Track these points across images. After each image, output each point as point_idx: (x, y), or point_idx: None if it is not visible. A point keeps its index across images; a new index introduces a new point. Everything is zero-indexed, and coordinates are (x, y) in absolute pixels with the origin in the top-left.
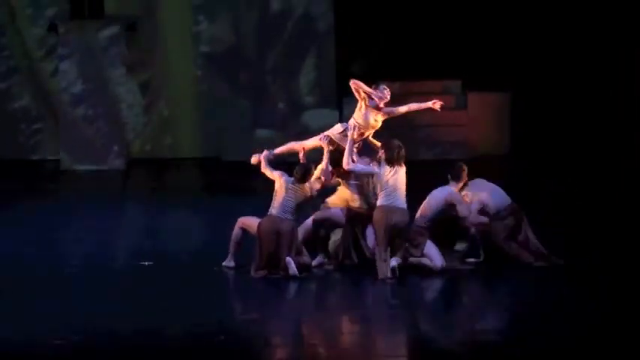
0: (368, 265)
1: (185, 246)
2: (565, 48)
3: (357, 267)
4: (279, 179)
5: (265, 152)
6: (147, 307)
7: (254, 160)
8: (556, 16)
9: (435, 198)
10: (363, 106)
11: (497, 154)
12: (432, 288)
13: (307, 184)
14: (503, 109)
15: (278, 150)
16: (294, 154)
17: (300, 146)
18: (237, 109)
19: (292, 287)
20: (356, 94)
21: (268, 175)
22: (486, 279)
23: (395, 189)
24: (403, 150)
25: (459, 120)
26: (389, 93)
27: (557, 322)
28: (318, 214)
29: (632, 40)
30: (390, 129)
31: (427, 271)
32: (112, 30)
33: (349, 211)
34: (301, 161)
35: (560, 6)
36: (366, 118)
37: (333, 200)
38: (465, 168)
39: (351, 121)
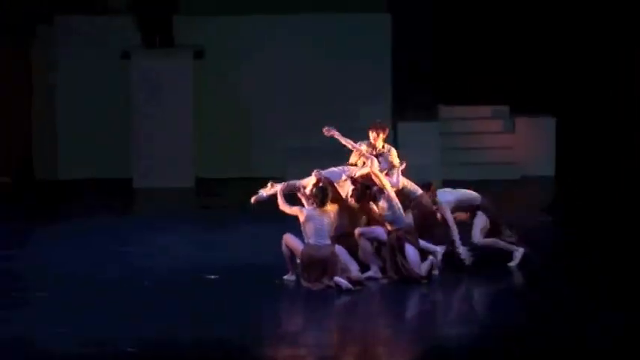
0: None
1: (246, 259)
2: (608, 73)
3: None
4: (300, 213)
5: (281, 186)
6: (206, 318)
7: (254, 200)
8: (600, 43)
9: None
10: (362, 159)
11: (544, 175)
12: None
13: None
14: (549, 132)
15: (287, 185)
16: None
17: (300, 184)
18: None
19: (343, 300)
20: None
21: (287, 212)
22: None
23: None
24: None
25: (507, 143)
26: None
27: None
28: (363, 230)
29: None
30: (443, 149)
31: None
32: (182, 58)
33: (389, 232)
34: (302, 197)
35: (605, 34)
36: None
37: None
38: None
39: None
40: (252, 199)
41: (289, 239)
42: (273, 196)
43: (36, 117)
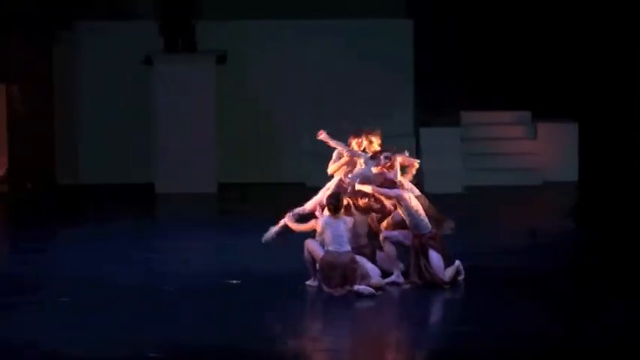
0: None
1: (268, 265)
2: (631, 77)
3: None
4: (316, 224)
5: (287, 218)
6: (230, 323)
7: (265, 240)
8: (622, 47)
9: None
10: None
11: (566, 181)
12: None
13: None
14: (571, 138)
15: (291, 214)
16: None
17: (305, 209)
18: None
19: (364, 305)
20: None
21: (305, 229)
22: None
23: None
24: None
25: (529, 148)
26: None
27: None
28: (388, 233)
29: None
30: (465, 155)
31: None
32: (204, 63)
33: (414, 237)
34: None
35: (627, 38)
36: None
37: None
38: None
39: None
40: (263, 240)
41: (311, 245)
42: (284, 228)
43: (58, 122)
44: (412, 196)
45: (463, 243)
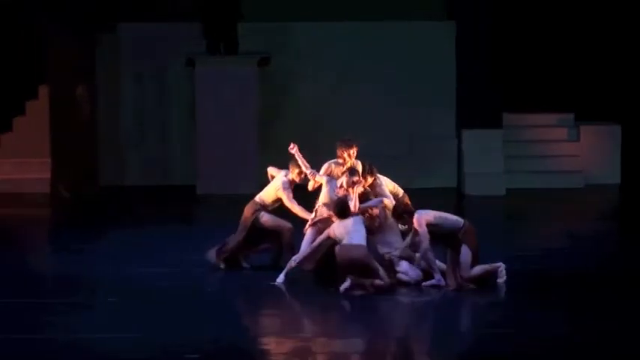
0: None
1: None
2: None
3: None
4: (330, 233)
5: (292, 261)
6: (268, 325)
7: (278, 283)
8: None
9: None
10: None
11: (609, 184)
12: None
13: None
14: (614, 140)
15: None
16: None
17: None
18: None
19: (402, 304)
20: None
21: (322, 239)
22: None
23: None
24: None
25: (571, 150)
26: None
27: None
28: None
29: None
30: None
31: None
32: (246, 65)
33: (451, 237)
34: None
35: None
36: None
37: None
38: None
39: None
40: (276, 282)
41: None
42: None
43: (101, 124)
44: (423, 215)
45: (504, 245)
